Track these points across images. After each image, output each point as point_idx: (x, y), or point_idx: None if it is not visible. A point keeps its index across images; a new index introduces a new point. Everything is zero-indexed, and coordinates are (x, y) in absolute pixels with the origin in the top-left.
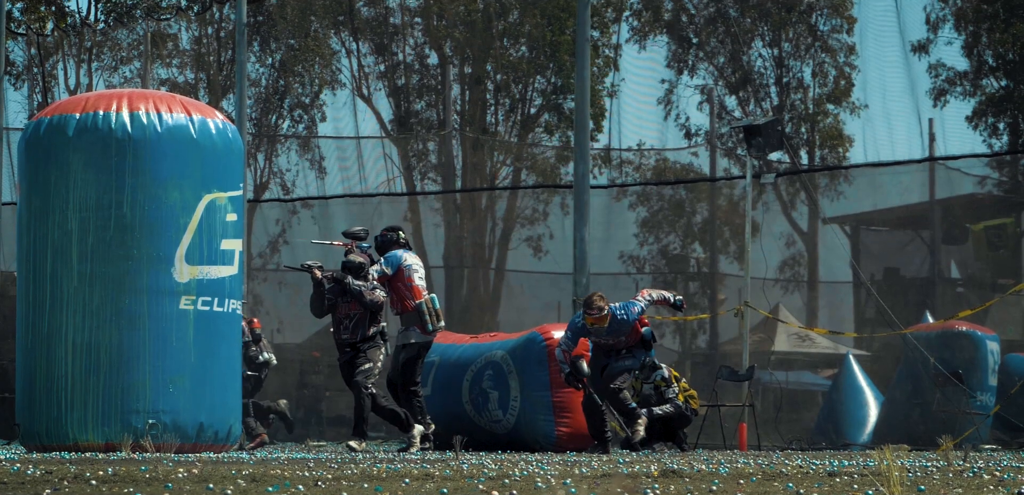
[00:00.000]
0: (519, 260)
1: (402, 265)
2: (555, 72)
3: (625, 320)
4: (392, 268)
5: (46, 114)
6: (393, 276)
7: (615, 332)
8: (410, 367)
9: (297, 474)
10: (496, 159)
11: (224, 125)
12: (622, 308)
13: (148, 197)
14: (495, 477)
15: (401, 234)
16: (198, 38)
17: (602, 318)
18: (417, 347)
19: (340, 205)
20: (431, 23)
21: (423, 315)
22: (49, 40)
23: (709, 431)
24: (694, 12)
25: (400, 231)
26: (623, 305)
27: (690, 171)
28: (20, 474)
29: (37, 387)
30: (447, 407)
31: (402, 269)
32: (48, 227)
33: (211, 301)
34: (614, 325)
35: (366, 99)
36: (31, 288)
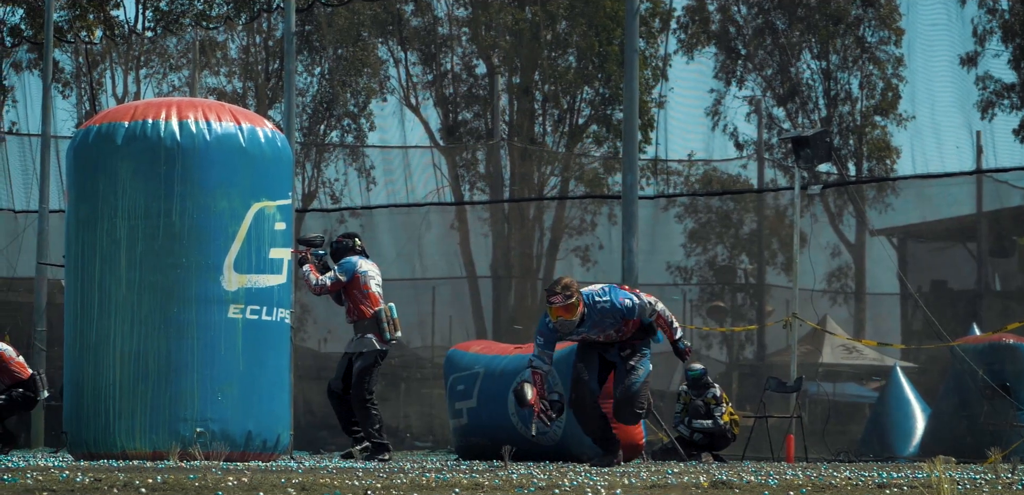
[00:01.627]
0: (567, 270)
1: (357, 271)
2: (603, 83)
3: (607, 310)
4: (346, 275)
5: (94, 122)
6: (348, 283)
7: (598, 326)
8: (365, 377)
9: (346, 483)
10: (544, 169)
11: (273, 134)
12: (604, 294)
13: (197, 205)
14: (545, 487)
15: (358, 241)
16: (246, 47)
17: (569, 307)
18: (374, 356)
19: (386, 215)
20: (479, 33)
21: (381, 323)
22: (97, 48)
23: (756, 442)
24: (742, 23)
25: (356, 237)
26: (606, 290)
27: (738, 182)
28: (69, 481)
29: (85, 395)
30: (494, 418)
31: (357, 275)
32: (96, 235)
33: (260, 310)
34: (594, 317)
35: (414, 109)
36: (79, 296)
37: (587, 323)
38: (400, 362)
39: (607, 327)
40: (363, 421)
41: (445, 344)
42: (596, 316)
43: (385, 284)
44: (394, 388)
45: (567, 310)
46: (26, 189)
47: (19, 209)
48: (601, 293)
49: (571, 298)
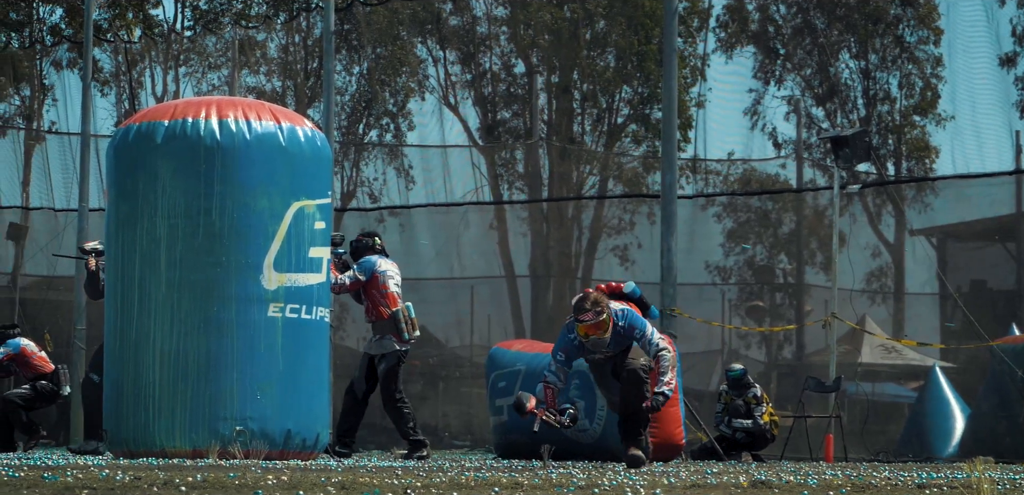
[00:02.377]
0: (606, 270)
1: (376, 271)
2: (642, 82)
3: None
4: (366, 274)
5: (134, 121)
6: (367, 282)
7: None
8: (390, 379)
9: (386, 481)
10: (583, 168)
11: (313, 133)
12: (623, 317)
13: (237, 204)
14: (584, 486)
15: (377, 240)
16: (285, 46)
17: (600, 324)
18: (396, 357)
19: (425, 214)
20: (517, 32)
21: (399, 323)
22: (136, 47)
23: (795, 443)
24: (781, 23)
25: (376, 236)
26: (624, 313)
27: (777, 182)
28: (109, 480)
29: (125, 394)
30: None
31: (376, 275)
32: (136, 234)
33: (299, 309)
34: (615, 336)
35: (453, 108)
36: (119, 295)
37: (613, 339)
38: (438, 361)
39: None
40: (397, 422)
41: (483, 343)
42: (617, 336)
43: (424, 283)
44: (432, 387)
45: (598, 327)
46: (66, 188)
47: (59, 208)
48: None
49: (602, 314)
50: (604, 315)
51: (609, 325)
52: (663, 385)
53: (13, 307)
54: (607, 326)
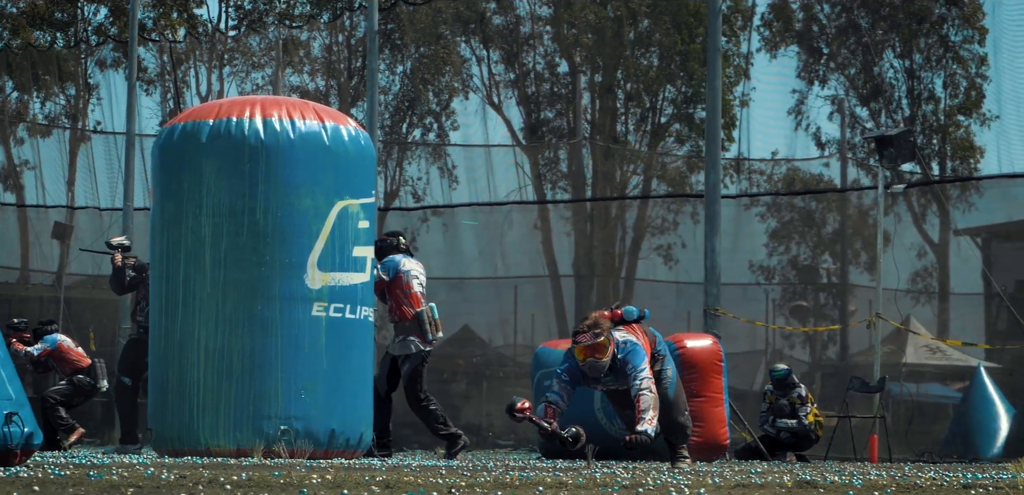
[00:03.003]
0: (649, 269)
1: (400, 270)
2: (685, 81)
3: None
4: (389, 274)
5: (179, 120)
6: (391, 282)
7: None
8: (414, 381)
9: (430, 481)
10: (626, 168)
11: (357, 132)
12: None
13: (281, 203)
14: (628, 486)
15: (401, 239)
16: (329, 45)
17: (597, 346)
18: (419, 358)
19: (468, 213)
20: (561, 31)
21: (423, 324)
22: (180, 47)
23: (840, 443)
24: (825, 22)
25: (400, 236)
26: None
27: (821, 181)
28: (154, 478)
29: (169, 392)
30: (579, 415)
31: (400, 275)
32: (181, 233)
33: (343, 308)
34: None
35: (496, 107)
36: (164, 293)
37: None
38: (482, 361)
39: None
40: (426, 421)
41: (527, 343)
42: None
43: (467, 283)
44: (476, 387)
45: (595, 349)
46: (111, 187)
47: (104, 207)
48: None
49: (600, 336)
50: (602, 338)
51: (608, 348)
52: (645, 423)
53: (58, 306)
54: (605, 349)
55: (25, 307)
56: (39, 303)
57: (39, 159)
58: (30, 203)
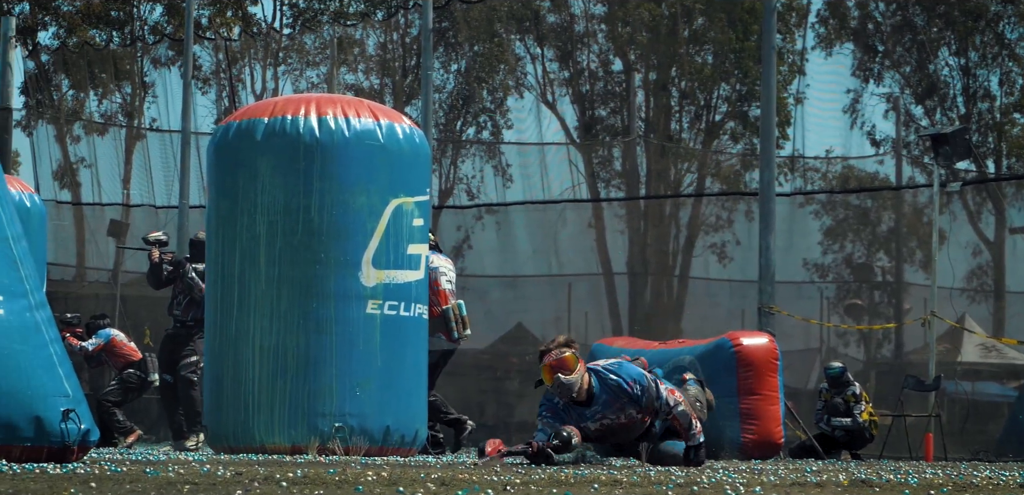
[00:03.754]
0: (703, 267)
1: (429, 267)
2: (740, 80)
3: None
4: None
5: (234, 118)
6: None
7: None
8: (431, 374)
9: (485, 479)
10: (680, 166)
11: (411, 130)
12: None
13: (336, 201)
14: (683, 484)
15: (431, 236)
16: (383, 44)
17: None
18: (440, 354)
19: (522, 211)
20: (615, 29)
21: (449, 321)
22: (235, 45)
23: (894, 442)
24: (880, 20)
25: (430, 232)
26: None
27: (875, 179)
28: (210, 475)
29: (225, 389)
30: None
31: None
32: (236, 230)
33: (397, 306)
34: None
35: (550, 105)
36: (219, 291)
37: (599, 401)
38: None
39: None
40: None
41: (581, 341)
42: (608, 393)
43: (522, 281)
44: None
45: (562, 364)
46: (167, 184)
47: (160, 204)
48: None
49: (565, 352)
50: (568, 353)
51: (577, 365)
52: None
53: (114, 303)
54: (572, 366)
55: (81, 304)
56: (95, 300)
57: (95, 157)
58: (86, 201)
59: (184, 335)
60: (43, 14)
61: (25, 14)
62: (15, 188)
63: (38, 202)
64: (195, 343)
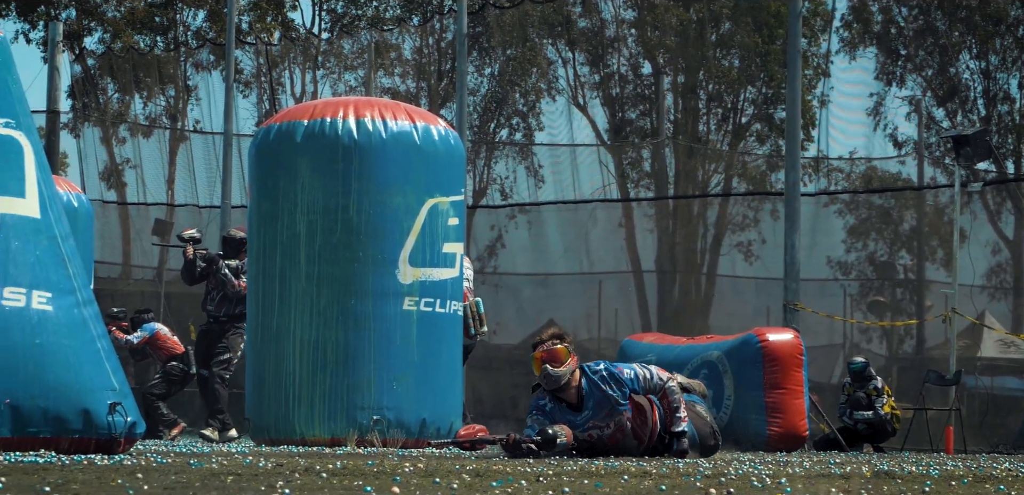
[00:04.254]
0: (730, 265)
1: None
2: (766, 82)
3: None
4: None
5: (275, 120)
6: None
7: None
8: None
9: (519, 470)
10: (708, 167)
11: (446, 132)
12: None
13: (373, 201)
14: (711, 475)
15: None
16: (419, 48)
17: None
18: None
19: (554, 211)
20: (645, 34)
21: (467, 319)
22: (276, 50)
23: (916, 435)
24: (903, 25)
25: None
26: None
27: (898, 180)
28: (252, 466)
29: (266, 383)
30: None
31: None
32: (277, 230)
33: (433, 302)
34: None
35: (581, 108)
36: (261, 288)
37: (590, 402)
38: None
39: (614, 408)
40: None
41: (611, 336)
42: (598, 393)
43: (553, 278)
44: None
45: (552, 357)
46: (209, 184)
47: (203, 204)
48: (596, 364)
49: (558, 343)
50: (561, 346)
51: (567, 360)
52: (680, 423)
53: (159, 300)
54: (563, 359)
55: (127, 301)
56: (140, 297)
57: (140, 158)
58: (132, 200)
59: (217, 331)
60: (89, 20)
61: (72, 20)
62: (63, 189)
63: (85, 202)
64: (230, 339)
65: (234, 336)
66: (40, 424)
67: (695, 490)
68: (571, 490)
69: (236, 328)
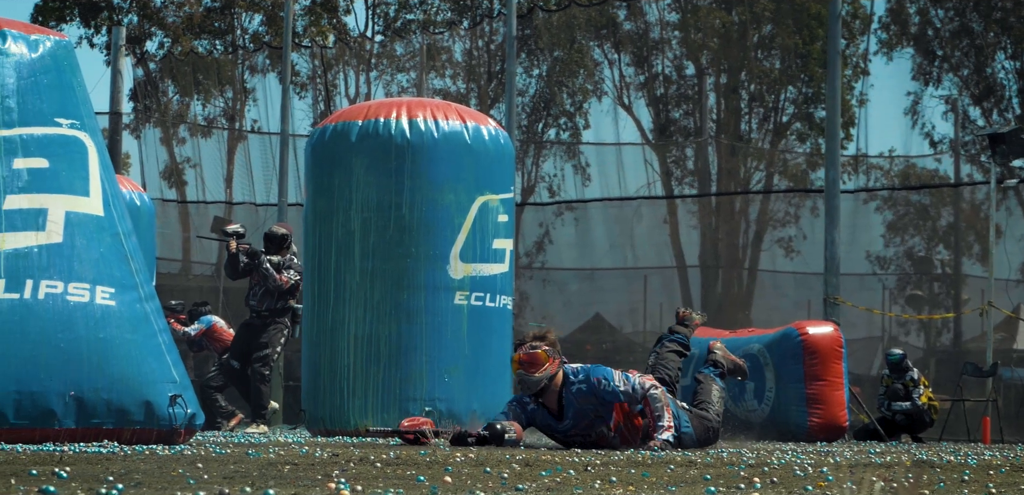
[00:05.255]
0: (771, 260)
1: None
2: (806, 83)
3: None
4: None
5: (330, 121)
6: None
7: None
8: None
9: (567, 460)
10: (750, 165)
11: (496, 131)
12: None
13: (425, 199)
14: (754, 465)
15: None
16: (469, 50)
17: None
18: None
19: (600, 208)
20: (689, 36)
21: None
22: (330, 53)
23: (953, 426)
24: (939, 26)
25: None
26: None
27: (935, 176)
28: (309, 456)
29: (321, 376)
30: None
31: None
32: (332, 227)
33: (483, 297)
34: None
35: (627, 108)
36: (316, 284)
37: (570, 411)
38: (612, 347)
39: (590, 416)
40: None
41: (655, 330)
42: (575, 400)
43: (599, 273)
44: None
45: (531, 362)
46: (266, 183)
47: (259, 202)
48: (576, 372)
49: (538, 348)
50: (540, 350)
51: (544, 365)
52: (663, 431)
53: (217, 295)
54: (541, 364)
55: (186, 296)
56: (199, 292)
57: (200, 157)
58: (191, 199)
59: (259, 325)
60: (150, 25)
61: (133, 25)
62: (126, 188)
63: (147, 200)
64: (270, 334)
65: (274, 331)
66: (103, 416)
67: (739, 479)
68: (618, 479)
69: (276, 323)
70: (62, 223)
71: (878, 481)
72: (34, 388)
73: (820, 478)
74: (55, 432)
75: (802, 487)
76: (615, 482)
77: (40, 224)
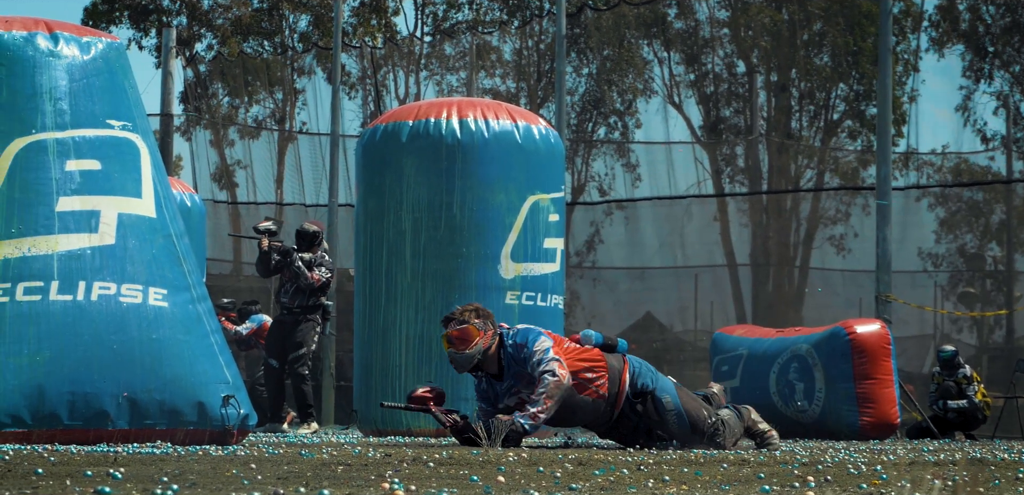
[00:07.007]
0: (822, 258)
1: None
2: (857, 80)
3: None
4: None
5: (381, 121)
6: None
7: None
8: None
9: (619, 459)
10: (800, 162)
11: (546, 131)
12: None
13: (476, 199)
14: (808, 463)
15: None
16: (519, 50)
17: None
18: None
19: (650, 207)
20: (739, 34)
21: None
22: (380, 53)
23: (1006, 423)
24: (990, 22)
25: None
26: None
27: (987, 173)
28: (362, 456)
29: (373, 376)
30: (755, 397)
31: None
32: (383, 227)
33: (535, 296)
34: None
35: (677, 106)
36: (368, 284)
37: (510, 373)
38: (663, 345)
39: (527, 378)
40: None
41: (706, 328)
42: (515, 366)
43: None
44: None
45: (460, 340)
46: (316, 184)
47: (309, 203)
48: (513, 334)
49: (463, 323)
50: (466, 326)
51: (473, 340)
52: (525, 414)
53: (268, 295)
54: (469, 340)
55: (237, 296)
56: (249, 293)
57: (250, 159)
58: (242, 200)
59: (290, 322)
60: (200, 27)
61: (183, 27)
62: (177, 189)
63: (198, 201)
64: (302, 332)
65: (306, 328)
66: (156, 416)
67: (793, 477)
68: (672, 478)
69: (308, 319)
70: (115, 225)
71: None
72: (88, 389)
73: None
74: (109, 433)
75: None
76: (668, 481)
77: (93, 226)
